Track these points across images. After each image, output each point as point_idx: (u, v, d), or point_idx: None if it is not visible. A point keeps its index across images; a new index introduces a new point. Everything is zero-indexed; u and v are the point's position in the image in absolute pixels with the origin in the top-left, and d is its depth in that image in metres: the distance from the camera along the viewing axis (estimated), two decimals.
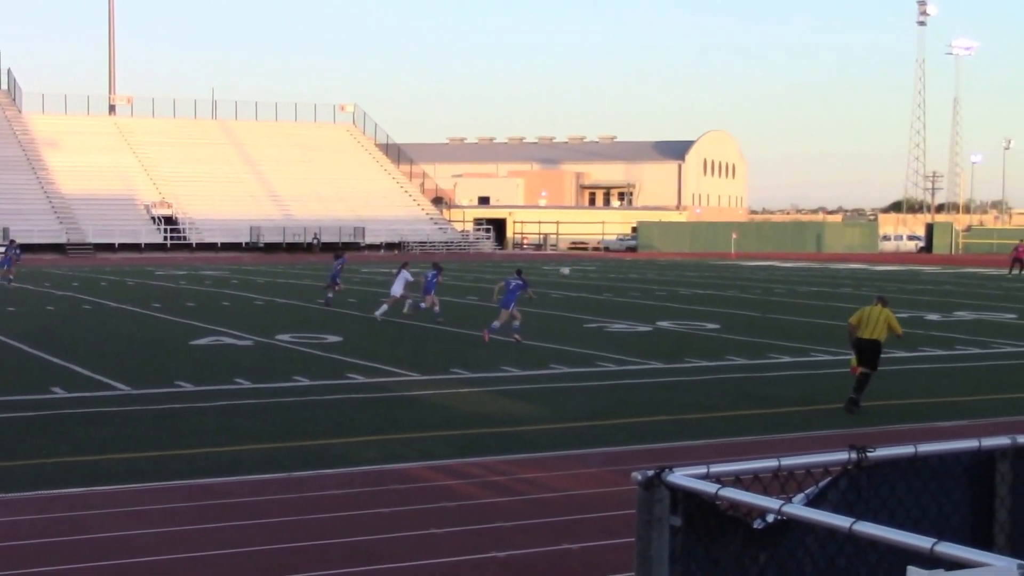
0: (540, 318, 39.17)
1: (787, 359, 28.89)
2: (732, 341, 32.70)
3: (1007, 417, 20.83)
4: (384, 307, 38.74)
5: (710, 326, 36.69)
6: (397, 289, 39.31)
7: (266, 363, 27.33)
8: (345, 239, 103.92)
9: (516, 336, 31.81)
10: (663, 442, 18.41)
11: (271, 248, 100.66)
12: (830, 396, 23.14)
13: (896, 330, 22.44)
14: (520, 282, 32.85)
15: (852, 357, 22.30)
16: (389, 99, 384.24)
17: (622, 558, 11.47)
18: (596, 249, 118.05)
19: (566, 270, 42.37)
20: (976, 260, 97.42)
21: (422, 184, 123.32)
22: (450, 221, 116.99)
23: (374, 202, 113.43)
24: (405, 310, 39.17)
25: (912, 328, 36.47)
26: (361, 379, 24.88)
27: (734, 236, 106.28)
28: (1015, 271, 73.36)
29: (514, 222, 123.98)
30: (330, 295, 44.59)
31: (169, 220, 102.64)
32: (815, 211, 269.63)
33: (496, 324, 32.27)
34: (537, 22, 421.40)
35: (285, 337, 32.70)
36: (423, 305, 38.41)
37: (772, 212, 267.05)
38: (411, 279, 39.50)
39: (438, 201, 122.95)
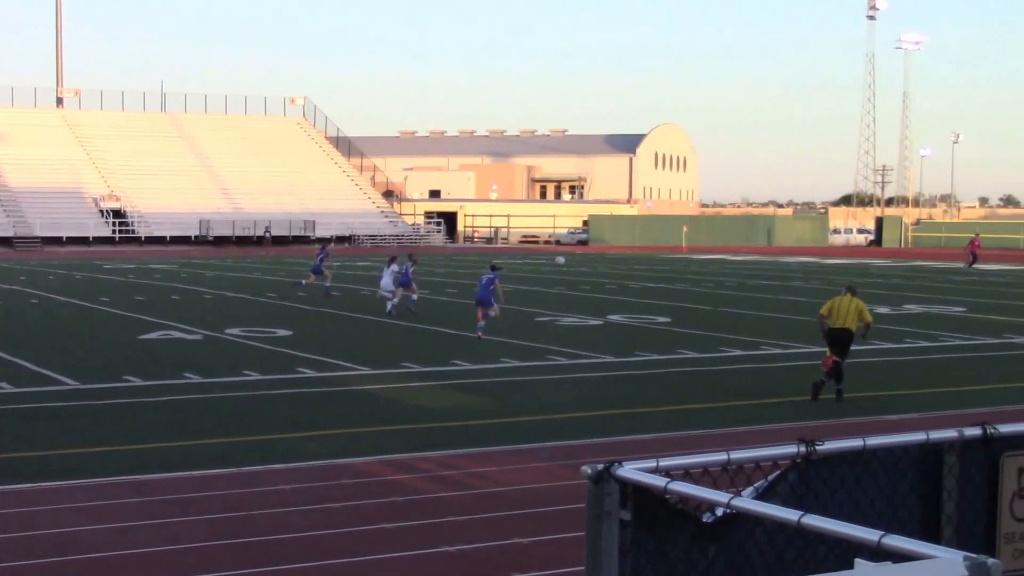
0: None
1: (738, 352, 29.02)
2: (683, 335, 32.81)
3: (955, 410, 21.00)
4: (393, 300, 38.41)
5: (661, 320, 36.80)
6: (388, 283, 39.10)
7: (216, 357, 27.20)
8: (295, 232, 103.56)
9: (479, 334, 31.83)
10: (614, 436, 18.46)
11: (221, 241, 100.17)
12: (780, 390, 23.27)
13: (866, 318, 22.81)
14: (492, 276, 32.90)
15: (827, 349, 22.56)
16: (340, 92, 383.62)
17: (572, 552, 11.48)
18: (547, 243, 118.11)
19: (561, 259, 42.56)
20: (925, 254, 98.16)
21: (373, 177, 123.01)
22: (401, 214, 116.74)
23: (324, 195, 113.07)
24: (410, 305, 38.92)
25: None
26: (311, 373, 24.81)
27: (685, 229, 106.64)
28: (970, 263, 73.78)
29: (465, 215, 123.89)
30: (328, 284, 45.37)
31: (118, 213, 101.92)
32: (766, 204, 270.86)
33: (493, 313, 32.12)
34: (489, 15, 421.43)
35: (235, 331, 32.55)
36: (405, 299, 38.66)
37: (723, 205, 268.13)
38: (398, 269, 39.31)
39: (389, 194, 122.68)
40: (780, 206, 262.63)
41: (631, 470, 5.08)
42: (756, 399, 22.16)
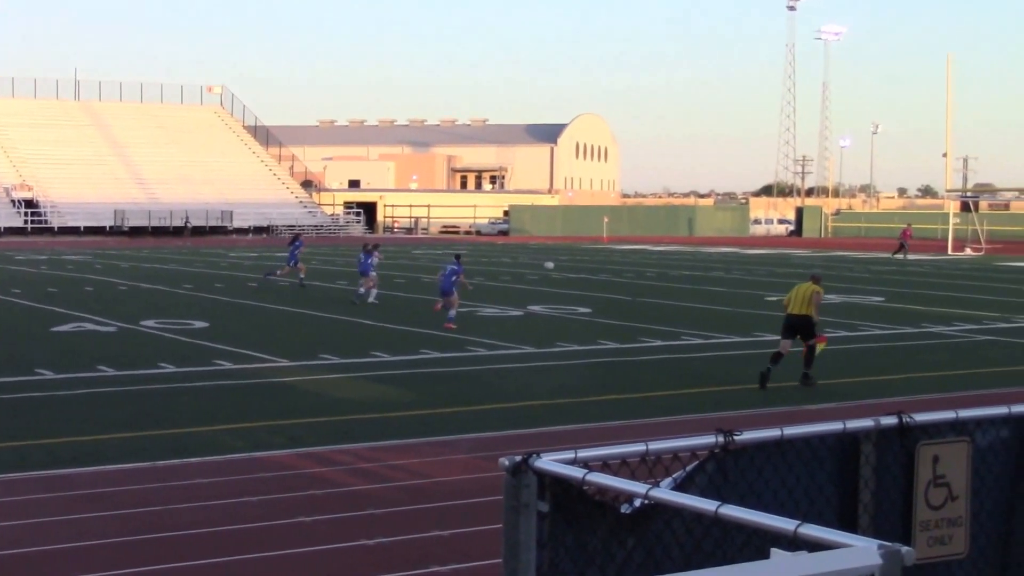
0: (410, 303, 39.11)
1: (658, 343, 29.17)
2: (603, 325, 32.94)
3: (873, 399, 21.24)
4: (372, 292, 38.95)
5: (582, 310, 36.91)
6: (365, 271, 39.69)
7: (130, 350, 26.94)
8: (212, 223, 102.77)
9: (449, 324, 31.88)
10: (533, 427, 18.49)
11: (136, 232, 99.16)
12: (700, 380, 23.42)
13: (814, 302, 23.39)
14: (455, 267, 32.99)
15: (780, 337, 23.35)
16: (258, 81, 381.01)
17: (491, 545, 11.50)
18: (468, 233, 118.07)
19: (550, 264, 42.78)
20: (845, 244, 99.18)
21: (291, 167, 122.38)
22: (320, 205, 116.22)
23: (242, 185, 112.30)
24: (355, 298, 39.00)
25: (782, 312, 37.00)
26: (228, 365, 24.64)
27: (606, 220, 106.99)
28: (901, 255, 73.71)
29: (385, 206, 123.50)
30: (302, 276, 45.06)
31: (30, 203, 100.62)
32: (687, 195, 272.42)
33: (452, 312, 32.28)
34: (409, 3, 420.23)
35: (150, 323, 32.25)
36: (363, 290, 38.94)
37: (644, 196, 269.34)
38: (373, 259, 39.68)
39: (308, 184, 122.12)
40: (701, 196, 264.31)
41: (549, 461, 5.08)
42: (676, 389, 22.28)
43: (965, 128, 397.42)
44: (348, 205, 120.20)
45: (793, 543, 4.11)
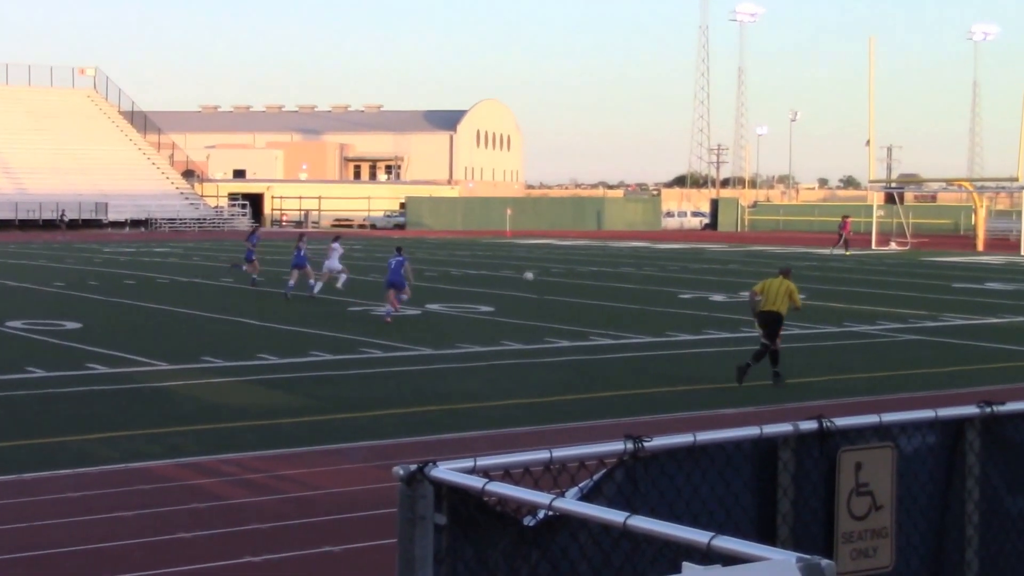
0: (301, 302, 38.92)
1: (565, 343, 29.25)
2: (507, 325, 32.98)
3: (792, 403, 21.44)
4: (318, 284, 40.39)
5: (484, 309, 36.94)
6: (333, 264, 40.94)
7: None
8: (86, 216, 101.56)
9: (388, 318, 33.15)
10: (432, 434, 18.46)
11: (2, 226, 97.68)
12: (611, 382, 23.51)
13: (795, 302, 23.99)
14: (400, 258, 33.94)
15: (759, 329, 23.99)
16: (135, 62, 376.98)
17: (386, 560, 11.44)
18: (362, 227, 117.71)
19: (530, 275, 42.81)
20: (762, 238, 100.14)
21: (171, 156, 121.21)
22: (202, 196, 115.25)
23: (118, 175, 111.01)
24: (339, 285, 40.62)
25: (696, 310, 37.31)
26: (103, 369, 24.36)
27: (509, 212, 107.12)
28: (842, 249, 73.85)
29: (272, 197, 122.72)
30: (255, 276, 45.25)
31: None
32: (595, 186, 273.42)
33: (405, 296, 33.95)
34: None
35: (17, 324, 31.80)
36: (312, 281, 40.22)
37: (550, 187, 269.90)
38: (342, 252, 41.57)
39: (189, 174, 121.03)
40: (610, 187, 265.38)
41: (446, 470, 5.06)
42: (584, 393, 22.35)
43: (889, 116, 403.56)
44: (233, 197, 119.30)
45: (707, 556, 4.11)
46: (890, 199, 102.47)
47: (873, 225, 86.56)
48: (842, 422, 6.31)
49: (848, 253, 73.13)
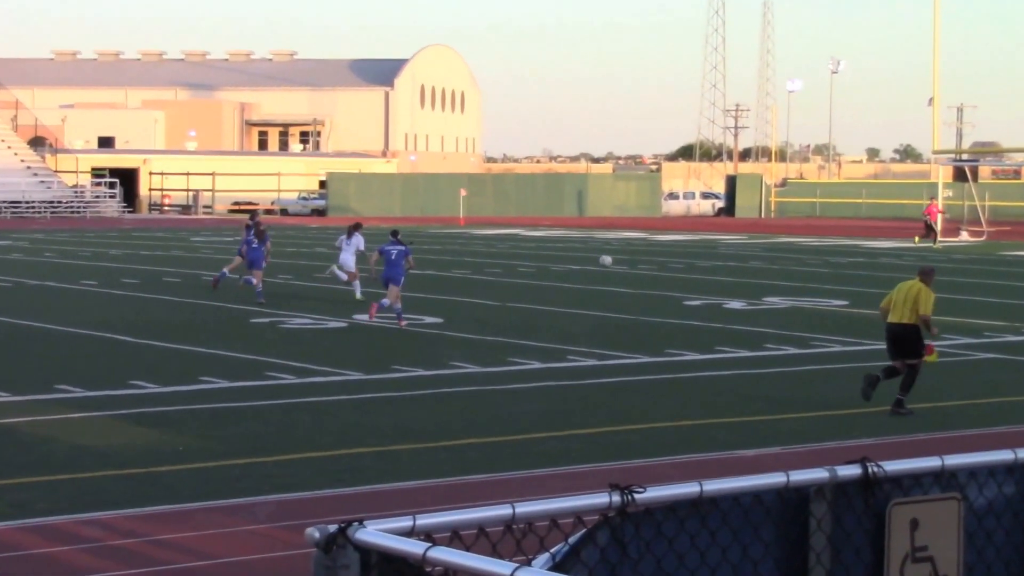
0: (188, 309, 38.87)
1: (536, 365, 29.24)
2: (459, 341, 32.96)
3: (828, 442, 21.49)
4: (353, 282, 41.72)
5: (429, 320, 36.90)
6: (348, 260, 41.94)
7: None
8: None
9: (401, 321, 34.52)
10: (360, 485, 18.45)
11: None
12: (592, 416, 23.50)
13: (922, 309, 23.99)
14: (402, 248, 35.04)
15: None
16: None
17: None
18: (269, 212, 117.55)
19: (608, 259, 42.95)
20: (794, 226, 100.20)
21: (14, 118, 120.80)
22: (57, 172, 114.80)
23: None
24: (358, 295, 41.07)
25: (707, 321, 37.37)
26: None
27: (463, 194, 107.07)
28: (930, 240, 74.24)
29: (151, 173, 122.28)
30: (228, 271, 45.16)
31: None
32: (576, 159, 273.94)
33: (385, 301, 34.74)
34: None
35: None
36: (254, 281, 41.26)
37: (517, 160, 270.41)
38: (362, 248, 42.08)
39: (39, 143, 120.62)
40: (595, 161, 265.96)
41: (377, 532, 5.07)
42: (560, 429, 22.32)
43: (960, 66, 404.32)
44: (98, 172, 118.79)
45: None
46: (960, 175, 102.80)
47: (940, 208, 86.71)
48: (893, 466, 6.34)
49: (938, 246, 73.17)
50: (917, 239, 75.37)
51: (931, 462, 6.45)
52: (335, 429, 22.35)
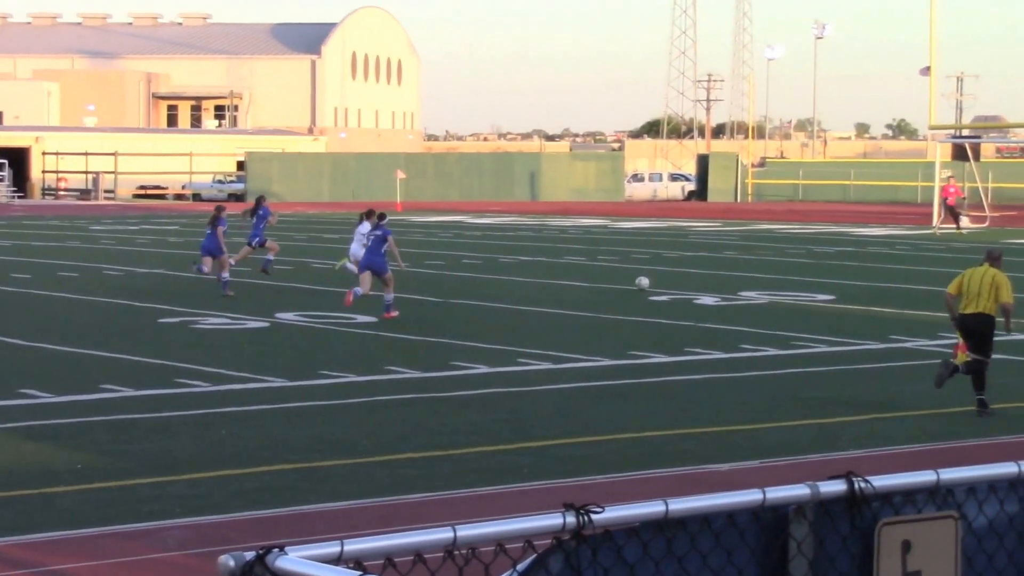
0: (87, 308, 38.77)
1: (483, 369, 29.25)
2: (396, 342, 32.96)
3: (810, 455, 21.56)
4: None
5: (362, 319, 36.87)
6: (357, 249, 42.13)
7: None
8: None
9: (391, 312, 35.64)
10: (279, 506, 18.42)
11: None
12: (545, 427, 23.51)
13: (1000, 297, 24.35)
14: (379, 232, 35.76)
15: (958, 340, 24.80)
16: None
17: None
18: (179, 197, 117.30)
19: (645, 280, 43.08)
20: (773, 211, 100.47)
21: None
22: None
23: None
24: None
25: (676, 319, 37.44)
26: None
27: (400, 176, 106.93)
28: (954, 225, 74.69)
29: (44, 153, 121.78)
30: (270, 257, 46.12)
31: None
32: (528, 136, 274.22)
33: (359, 290, 35.79)
34: None
35: None
36: (205, 268, 42.65)
37: (461, 138, 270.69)
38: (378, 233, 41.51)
39: None
40: (551, 139, 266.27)
41: (299, 560, 5.07)
42: (509, 442, 22.34)
43: (960, 33, 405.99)
44: None
45: None
46: (960, 154, 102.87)
47: (935, 192, 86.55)
48: (883, 482, 6.37)
49: (961, 231, 73.48)
50: (937, 230, 75.37)
51: (925, 476, 6.48)
52: (255, 443, 22.31)
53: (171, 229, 75.11)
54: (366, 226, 40.96)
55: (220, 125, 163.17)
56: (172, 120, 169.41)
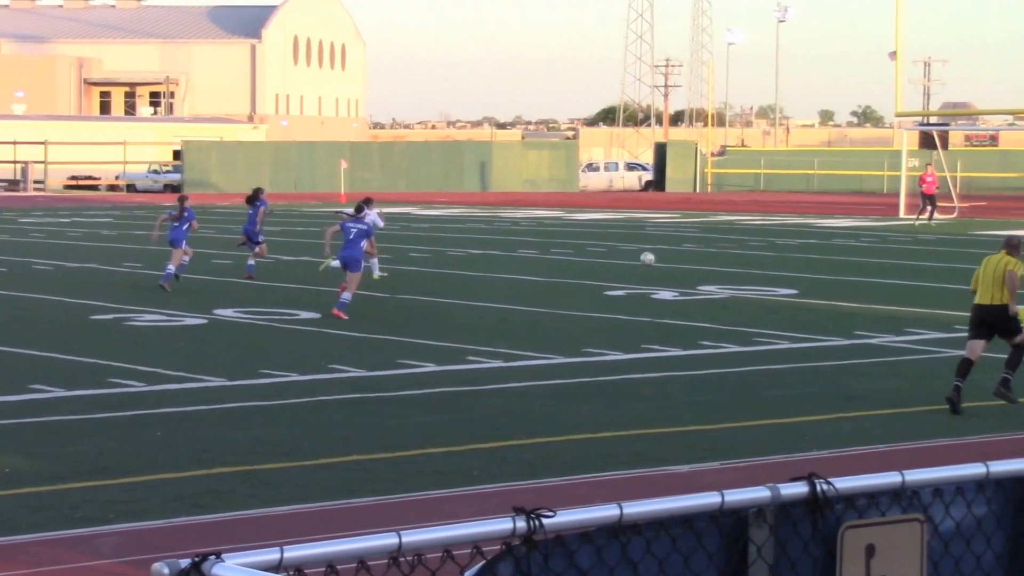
0: (15, 304, 38.64)
1: (431, 368, 29.24)
2: (341, 339, 32.92)
3: (771, 456, 21.59)
4: (371, 260, 42.03)
5: (304, 316, 36.83)
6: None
7: None
8: None
9: (342, 313, 35.05)
10: (217, 511, 18.40)
11: None
12: (496, 428, 23.50)
13: (1010, 284, 24.43)
14: (362, 226, 35.56)
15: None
16: None
17: None
18: (114, 188, 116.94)
19: (650, 256, 43.05)
20: (734, 202, 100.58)
21: None
22: None
23: None
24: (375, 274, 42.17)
25: (633, 315, 37.46)
26: None
27: (344, 166, 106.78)
28: (926, 216, 74.92)
29: None
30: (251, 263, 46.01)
31: None
32: (478, 124, 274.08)
33: (347, 295, 35.36)
34: None
35: None
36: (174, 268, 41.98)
37: (408, 126, 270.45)
38: (382, 224, 43.55)
39: None
40: (502, 127, 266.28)
41: (236, 567, 5.07)
42: (459, 444, 22.34)
43: (928, 17, 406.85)
44: None
45: None
46: (928, 142, 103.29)
47: (902, 182, 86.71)
48: (846, 483, 6.38)
49: (932, 222, 73.66)
50: (916, 219, 75.37)
51: (890, 478, 6.49)
52: (192, 446, 22.26)
53: (104, 222, 74.87)
54: (371, 215, 41.01)
55: (155, 113, 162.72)
56: (105, 107, 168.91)
